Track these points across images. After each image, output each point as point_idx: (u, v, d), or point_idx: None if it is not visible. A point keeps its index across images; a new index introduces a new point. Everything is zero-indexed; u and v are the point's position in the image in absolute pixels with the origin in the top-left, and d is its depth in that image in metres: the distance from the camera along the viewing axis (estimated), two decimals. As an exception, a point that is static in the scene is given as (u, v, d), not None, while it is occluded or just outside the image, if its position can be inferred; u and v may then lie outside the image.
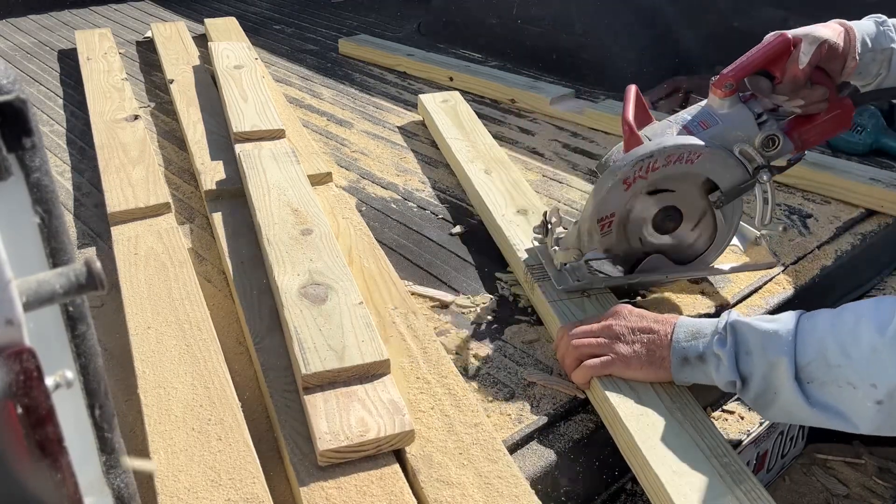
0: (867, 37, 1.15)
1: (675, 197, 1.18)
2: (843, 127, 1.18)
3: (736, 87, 1.13)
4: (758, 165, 1.15)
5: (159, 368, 1.06)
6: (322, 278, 1.19)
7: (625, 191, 1.14)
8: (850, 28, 1.14)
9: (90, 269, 0.44)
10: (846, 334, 0.87)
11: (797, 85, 1.11)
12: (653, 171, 1.13)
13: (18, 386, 0.42)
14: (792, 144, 1.16)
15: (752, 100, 1.16)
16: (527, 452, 1.01)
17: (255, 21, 3.41)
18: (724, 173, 1.15)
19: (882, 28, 1.16)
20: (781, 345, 0.90)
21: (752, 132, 1.14)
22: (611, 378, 1.04)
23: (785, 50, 1.12)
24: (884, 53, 1.16)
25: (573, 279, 1.23)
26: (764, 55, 1.13)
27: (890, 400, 0.83)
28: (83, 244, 1.52)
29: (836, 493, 1.64)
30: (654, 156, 1.12)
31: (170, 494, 0.87)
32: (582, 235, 1.19)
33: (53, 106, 2.31)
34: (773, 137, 1.14)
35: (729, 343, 0.95)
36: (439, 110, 2.01)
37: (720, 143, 1.14)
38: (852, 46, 1.13)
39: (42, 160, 0.47)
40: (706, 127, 1.15)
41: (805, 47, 1.10)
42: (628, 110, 1.17)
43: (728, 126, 1.14)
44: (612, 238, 1.19)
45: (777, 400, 0.92)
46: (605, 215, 1.16)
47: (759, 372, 0.93)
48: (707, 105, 1.17)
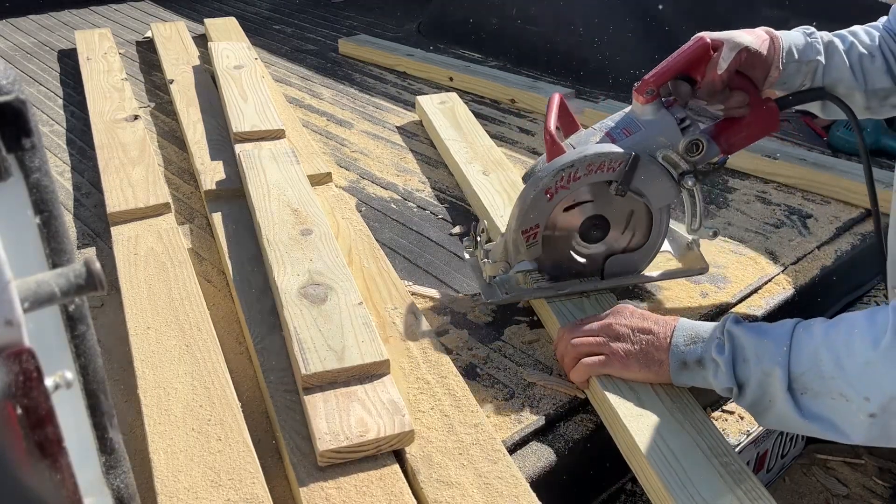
0: (794, 47, 1.14)
1: (601, 205, 1.17)
2: (770, 129, 1.17)
3: (657, 92, 1.12)
4: (682, 171, 1.13)
5: (159, 368, 1.06)
6: (322, 278, 1.19)
7: (548, 201, 1.13)
8: (775, 37, 1.14)
9: (90, 269, 0.44)
10: (840, 346, 0.86)
11: (715, 90, 1.11)
12: (574, 180, 1.12)
13: (18, 387, 0.42)
14: (718, 148, 1.15)
15: (675, 105, 1.15)
16: (527, 452, 1.01)
17: (255, 21, 3.41)
18: (647, 180, 1.14)
19: (810, 40, 1.16)
20: (776, 354, 0.90)
21: (676, 138, 1.13)
22: (610, 378, 1.04)
23: (704, 54, 1.11)
24: (809, 65, 1.15)
25: (502, 292, 1.22)
26: (683, 60, 1.12)
27: (883, 413, 0.83)
28: (83, 244, 1.52)
29: (836, 493, 1.64)
30: (575, 165, 1.10)
31: (170, 494, 0.87)
32: (508, 248, 1.18)
33: (53, 106, 2.31)
34: (696, 142, 1.12)
35: (727, 349, 0.94)
36: (437, 112, 2.01)
37: (643, 149, 1.12)
38: (777, 56, 1.13)
39: (42, 160, 0.47)
40: (629, 134, 1.14)
41: (725, 52, 1.09)
42: (550, 119, 1.16)
43: (651, 132, 1.13)
44: (538, 249, 1.18)
45: (771, 408, 0.92)
46: (529, 227, 1.15)
47: (755, 380, 0.92)
48: (630, 111, 1.16)
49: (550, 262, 1.21)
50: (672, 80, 1.13)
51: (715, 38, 1.11)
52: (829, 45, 1.18)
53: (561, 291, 1.22)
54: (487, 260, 1.21)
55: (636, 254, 1.23)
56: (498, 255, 1.20)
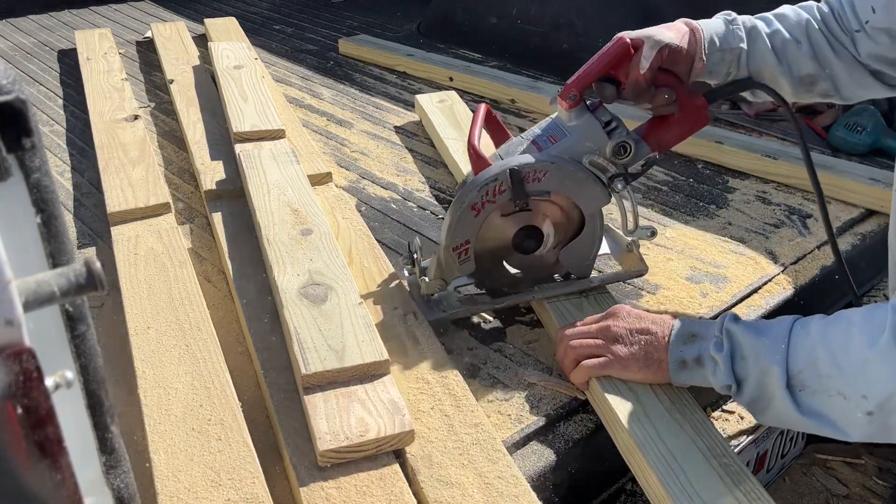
0: (715, 36, 1.13)
1: (532, 216, 1.16)
2: (700, 125, 1.15)
3: (580, 97, 1.11)
4: (612, 174, 1.12)
5: (159, 368, 1.06)
6: (322, 278, 1.19)
7: (475, 217, 1.12)
8: (696, 28, 1.13)
9: (90, 269, 0.44)
10: (838, 344, 0.86)
11: (640, 89, 1.10)
12: (500, 193, 1.10)
13: (18, 386, 0.42)
14: (648, 148, 1.14)
15: (600, 108, 1.14)
16: (527, 452, 1.01)
17: (255, 21, 3.41)
18: (575, 188, 1.12)
19: (731, 27, 1.14)
20: (774, 352, 0.90)
21: (602, 141, 1.11)
22: (610, 379, 1.04)
23: (625, 54, 1.10)
24: (732, 53, 1.14)
25: (440, 309, 1.21)
26: (605, 61, 1.11)
27: (880, 411, 0.83)
28: (83, 244, 1.52)
29: (836, 493, 1.64)
30: (499, 178, 1.09)
31: (170, 494, 0.87)
32: (441, 265, 1.16)
33: (53, 106, 2.31)
34: (623, 145, 1.11)
35: (725, 347, 0.94)
36: (436, 110, 2.01)
37: (570, 155, 1.11)
38: (699, 47, 1.12)
39: (42, 160, 0.47)
40: (555, 141, 1.13)
41: (646, 51, 1.08)
42: (474, 132, 1.14)
43: (577, 138, 1.12)
44: (471, 264, 1.16)
45: (770, 406, 0.92)
46: (459, 243, 1.14)
47: (754, 377, 0.92)
48: (556, 118, 1.15)
49: (486, 276, 1.20)
50: (595, 82, 1.12)
51: (634, 37, 1.10)
52: (751, 31, 1.15)
53: (498, 305, 1.21)
54: (425, 278, 1.19)
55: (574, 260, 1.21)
56: (433, 273, 1.18)
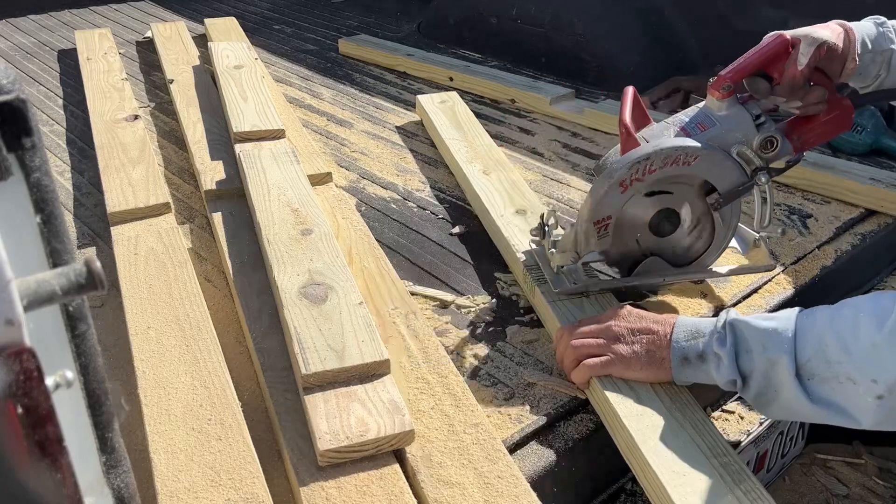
0: (867, 38, 1.14)
1: (673, 199, 1.18)
2: (843, 128, 1.18)
3: (734, 88, 1.13)
4: (756, 167, 1.14)
5: (159, 368, 1.06)
6: (322, 278, 1.19)
7: (621, 193, 1.14)
8: (849, 29, 1.14)
9: (90, 269, 0.44)
10: (845, 330, 0.87)
11: (795, 86, 1.11)
12: (649, 173, 1.12)
13: (18, 386, 0.42)
14: (791, 146, 1.16)
15: (750, 101, 1.15)
16: (527, 452, 1.01)
17: (255, 21, 3.41)
18: (721, 175, 1.14)
19: (882, 29, 1.16)
20: (781, 342, 0.91)
21: (751, 134, 1.13)
22: (610, 378, 1.04)
23: (783, 51, 1.11)
24: (883, 55, 1.15)
25: (570, 282, 1.23)
26: (762, 56, 1.12)
27: (891, 394, 0.83)
28: (83, 244, 1.52)
29: (836, 493, 1.64)
30: (651, 158, 1.11)
31: (170, 494, 0.87)
32: (579, 238, 1.18)
33: (53, 106, 2.31)
34: (771, 139, 1.13)
35: (728, 342, 0.95)
36: (437, 111, 2.01)
37: (718, 144, 1.13)
38: (852, 48, 1.13)
39: (42, 160, 0.47)
40: (704, 129, 1.14)
41: (804, 48, 1.09)
42: (625, 112, 1.16)
43: (726, 128, 1.14)
44: (608, 241, 1.18)
45: (778, 397, 0.92)
46: (601, 218, 1.16)
47: (760, 370, 0.93)
48: (705, 107, 1.17)
49: (618, 253, 1.21)
50: (748, 77, 1.13)
51: (793, 35, 1.12)
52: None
53: (627, 283, 1.23)
54: (555, 250, 1.21)
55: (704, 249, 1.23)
56: (567, 246, 1.20)
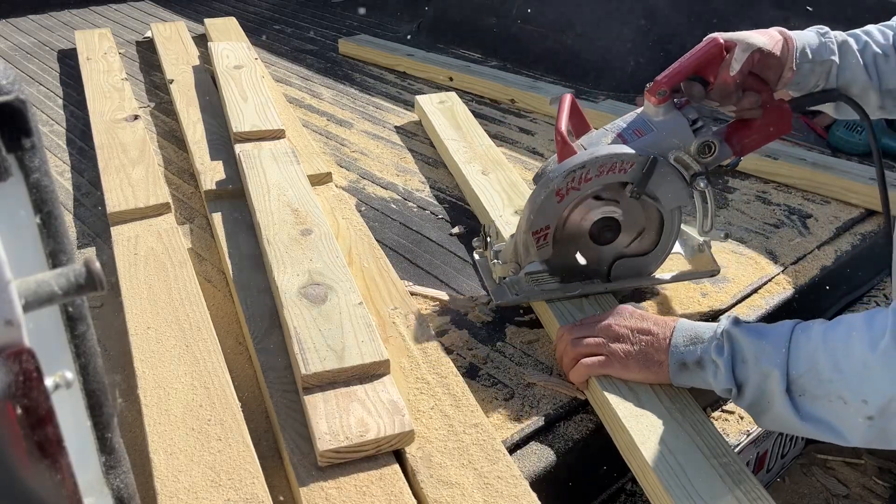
0: (808, 48, 1.14)
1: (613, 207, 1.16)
2: (782, 131, 1.16)
3: (669, 93, 1.12)
4: (694, 172, 1.13)
5: (159, 368, 1.06)
6: (322, 278, 1.19)
7: (558, 202, 1.13)
8: (789, 37, 1.13)
9: (90, 269, 0.44)
10: (838, 349, 0.86)
11: (728, 91, 1.10)
12: (585, 182, 1.11)
13: (18, 387, 0.42)
14: (730, 150, 1.15)
15: (687, 106, 1.14)
16: (527, 453, 1.01)
17: (255, 21, 3.41)
18: (659, 182, 1.13)
19: (824, 40, 1.15)
20: (774, 356, 0.90)
21: (688, 139, 1.12)
22: (610, 379, 1.04)
23: (717, 55, 1.11)
24: (823, 66, 1.15)
25: (512, 293, 1.22)
26: (696, 61, 1.11)
27: (881, 416, 0.83)
28: (83, 244, 1.52)
29: (836, 493, 1.64)
30: (586, 166, 1.10)
31: (170, 494, 0.87)
32: (518, 249, 1.17)
33: (53, 106, 2.31)
34: (708, 144, 1.12)
35: (726, 351, 0.94)
36: (436, 111, 2.01)
37: (655, 150, 1.12)
38: (790, 56, 1.12)
39: (42, 160, 0.47)
40: (641, 135, 1.13)
41: (738, 54, 1.09)
42: (561, 120, 1.15)
43: (663, 133, 1.13)
44: (549, 250, 1.17)
45: (770, 410, 0.92)
46: (539, 228, 1.15)
47: (754, 381, 0.92)
48: (642, 112, 1.16)
49: (560, 263, 1.21)
50: (684, 80, 1.13)
51: (728, 39, 1.11)
52: (842, 45, 1.17)
53: (570, 293, 1.22)
54: (497, 261, 1.20)
55: (647, 256, 1.22)
56: (508, 256, 1.19)
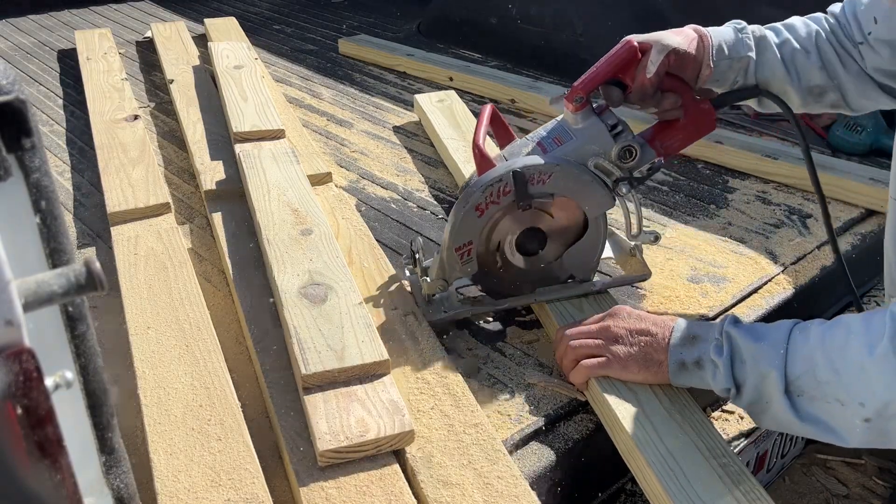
0: (724, 44, 1.13)
1: (536, 218, 1.16)
2: (706, 130, 1.16)
3: (586, 99, 1.11)
4: (616, 178, 1.12)
5: (159, 368, 1.06)
6: (322, 278, 1.19)
7: (478, 217, 1.12)
8: (704, 35, 1.13)
9: (90, 269, 0.44)
10: (836, 351, 0.86)
11: (646, 93, 1.10)
12: (504, 195, 1.10)
13: (18, 386, 0.42)
14: (653, 152, 1.14)
15: (606, 111, 1.14)
16: (527, 453, 1.01)
17: (255, 21, 3.41)
18: (580, 190, 1.12)
19: (740, 35, 1.15)
20: (772, 357, 0.90)
21: (608, 145, 1.11)
22: (609, 379, 1.04)
23: (632, 58, 1.10)
24: (741, 62, 1.14)
25: (442, 309, 1.21)
26: (611, 65, 1.11)
27: (878, 418, 0.83)
28: (83, 244, 1.52)
29: (836, 493, 1.64)
30: (504, 179, 1.09)
31: (170, 494, 0.87)
32: (444, 265, 1.16)
33: (53, 106, 2.31)
34: (629, 148, 1.11)
35: (725, 351, 0.94)
36: (435, 110, 2.01)
37: (575, 158, 1.11)
38: (707, 54, 1.12)
39: (42, 160, 0.47)
40: (560, 143, 1.12)
41: (653, 55, 1.08)
42: (479, 132, 1.14)
43: (582, 140, 1.12)
44: (474, 265, 1.16)
45: (768, 410, 0.92)
46: (462, 244, 1.14)
47: (752, 382, 0.93)
48: (563, 120, 1.15)
49: (487, 277, 1.20)
50: (602, 85, 1.12)
51: (642, 41, 1.10)
52: (760, 41, 1.16)
53: (499, 306, 1.21)
54: (426, 278, 1.19)
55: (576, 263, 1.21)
56: (435, 273, 1.18)
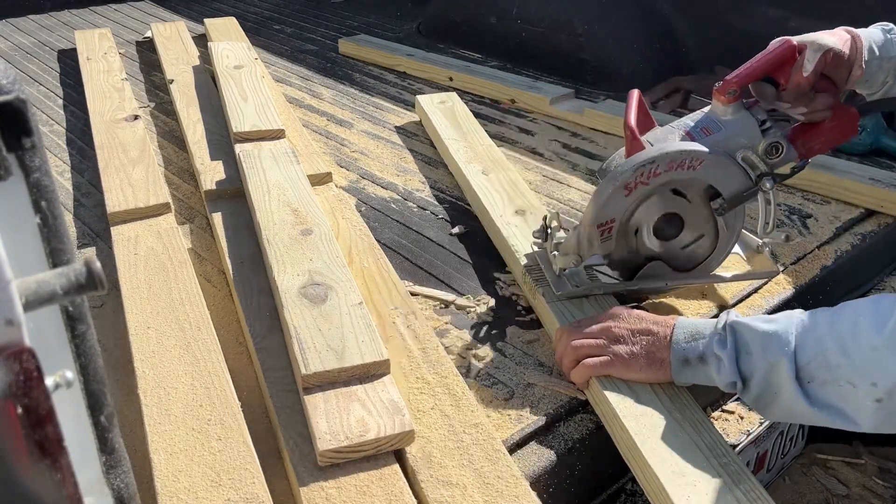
0: (874, 45, 1.14)
1: (677, 203, 1.18)
2: (849, 135, 1.17)
3: (739, 93, 1.12)
4: (760, 173, 1.13)
5: (159, 368, 1.06)
6: (322, 278, 1.19)
7: (625, 196, 1.13)
8: (856, 36, 1.13)
9: (90, 269, 0.44)
10: (845, 333, 0.87)
11: (801, 93, 1.11)
12: (654, 176, 1.12)
13: (18, 386, 0.42)
14: (796, 152, 1.15)
15: (755, 106, 1.15)
16: (527, 452, 1.01)
17: (255, 21, 3.41)
18: (726, 180, 1.14)
19: (889, 36, 1.15)
20: (781, 345, 0.91)
21: (756, 139, 1.13)
22: (610, 379, 1.04)
23: (790, 57, 1.11)
24: (891, 62, 1.15)
25: (572, 284, 1.23)
26: (768, 62, 1.12)
27: (890, 398, 0.83)
28: (83, 244, 1.52)
29: (836, 493, 1.64)
30: (656, 161, 1.10)
31: (170, 494, 0.87)
32: (581, 241, 1.17)
33: (53, 106, 2.31)
34: (776, 145, 1.12)
35: (729, 344, 0.95)
36: (436, 111, 2.01)
37: (723, 149, 1.13)
38: (859, 55, 1.12)
39: (42, 160, 0.47)
40: (709, 133, 1.14)
41: (810, 55, 1.09)
42: (630, 114, 1.16)
43: (731, 133, 1.13)
44: (612, 244, 1.18)
45: (778, 400, 0.92)
46: (605, 221, 1.15)
47: (760, 372, 0.93)
48: (710, 111, 1.16)
49: (620, 257, 1.21)
50: (755, 82, 1.13)
51: (799, 41, 1.11)
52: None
53: (630, 287, 1.22)
54: (557, 252, 1.20)
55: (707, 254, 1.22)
56: (570, 248, 1.19)
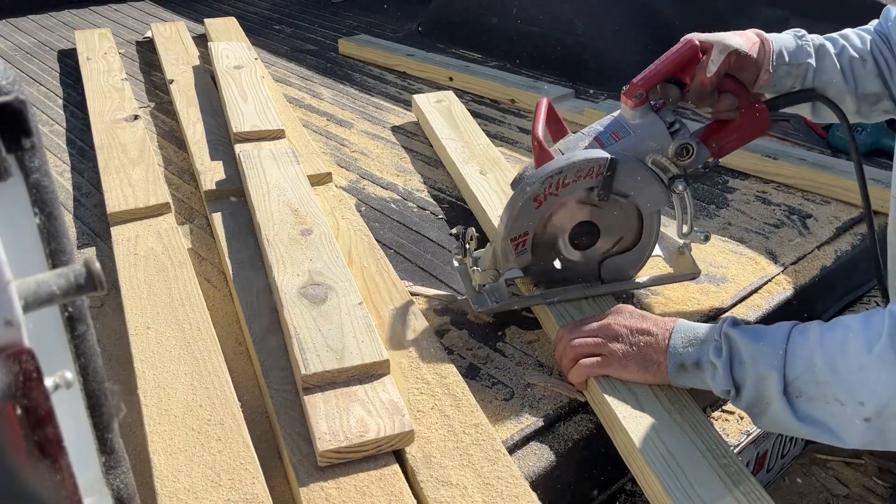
0: (784, 50, 1.14)
1: (590, 211, 1.16)
2: (760, 132, 1.16)
3: (645, 96, 1.12)
4: (672, 175, 1.13)
5: (159, 368, 1.06)
6: (322, 278, 1.19)
7: (536, 208, 1.12)
8: (766, 39, 1.14)
9: (89, 269, 0.44)
10: (835, 350, 0.86)
11: (704, 93, 1.11)
12: (563, 187, 1.11)
13: (18, 387, 0.42)
14: (708, 152, 1.15)
15: (664, 108, 1.14)
16: (526, 453, 1.01)
17: (255, 21, 3.41)
18: (638, 186, 1.13)
19: (800, 42, 1.16)
20: (771, 358, 0.90)
21: (665, 142, 1.12)
22: (609, 379, 1.04)
23: (693, 57, 1.11)
24: (800, 68, 1.15)
25: (492, 300, 1.21)
26: (672, 63, 1.11)
27: (878, 417, 0.83)
28: (83, 244, 1.52)
29: (836, 493, 1.64)
30: (564, 171, 1.09)
31: (169, 495, 0.87)
32: (497, 255, 1.16)
33: (53, 106, 2.31)
34: (686, 146, 1.12)
35: (724, 352, 0.94)
36: (433, 111, 2.01)
37: (633, 154, 1.12)
38: (767, 58, 1.13)
39: (42, 161, 0.47)
40: (618, 138, 1.13)
41: (714, 55, 1.09)
42: (538, 125, 1.15)
43: (640, 136, 1.13)
44: (527, 257, 1.16)
45: (767, 411, 0.92)
46: (518, 234, 1.14)
47: (751, 382, 0.93)
48: (619, 115, 1.16)
49: (539, 269, 1.20)
50: (661, 83, 1.13)
51: (704, 40, 1.11)
52: (819, 49, 1.17)
53: (550, 299, 1.21)
54: (477, 268, 1.19)
55: (626, 260, 1.21)
56: (487, 263, 1.18)
